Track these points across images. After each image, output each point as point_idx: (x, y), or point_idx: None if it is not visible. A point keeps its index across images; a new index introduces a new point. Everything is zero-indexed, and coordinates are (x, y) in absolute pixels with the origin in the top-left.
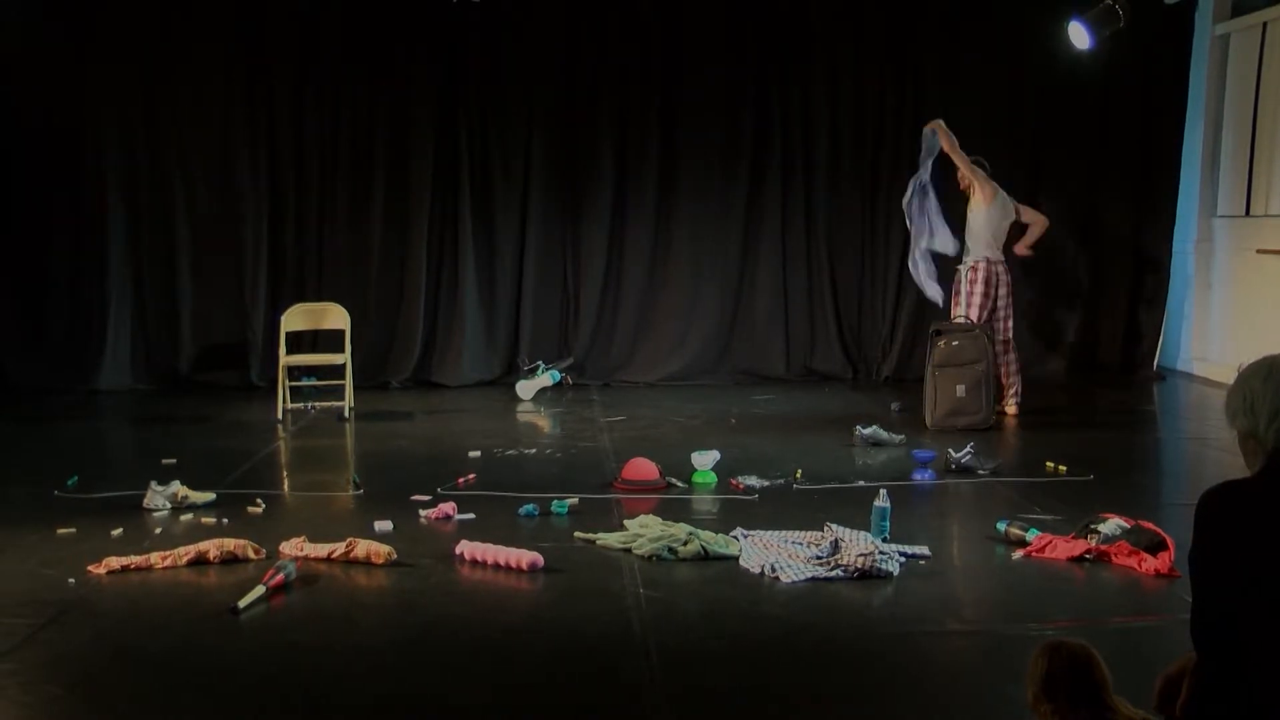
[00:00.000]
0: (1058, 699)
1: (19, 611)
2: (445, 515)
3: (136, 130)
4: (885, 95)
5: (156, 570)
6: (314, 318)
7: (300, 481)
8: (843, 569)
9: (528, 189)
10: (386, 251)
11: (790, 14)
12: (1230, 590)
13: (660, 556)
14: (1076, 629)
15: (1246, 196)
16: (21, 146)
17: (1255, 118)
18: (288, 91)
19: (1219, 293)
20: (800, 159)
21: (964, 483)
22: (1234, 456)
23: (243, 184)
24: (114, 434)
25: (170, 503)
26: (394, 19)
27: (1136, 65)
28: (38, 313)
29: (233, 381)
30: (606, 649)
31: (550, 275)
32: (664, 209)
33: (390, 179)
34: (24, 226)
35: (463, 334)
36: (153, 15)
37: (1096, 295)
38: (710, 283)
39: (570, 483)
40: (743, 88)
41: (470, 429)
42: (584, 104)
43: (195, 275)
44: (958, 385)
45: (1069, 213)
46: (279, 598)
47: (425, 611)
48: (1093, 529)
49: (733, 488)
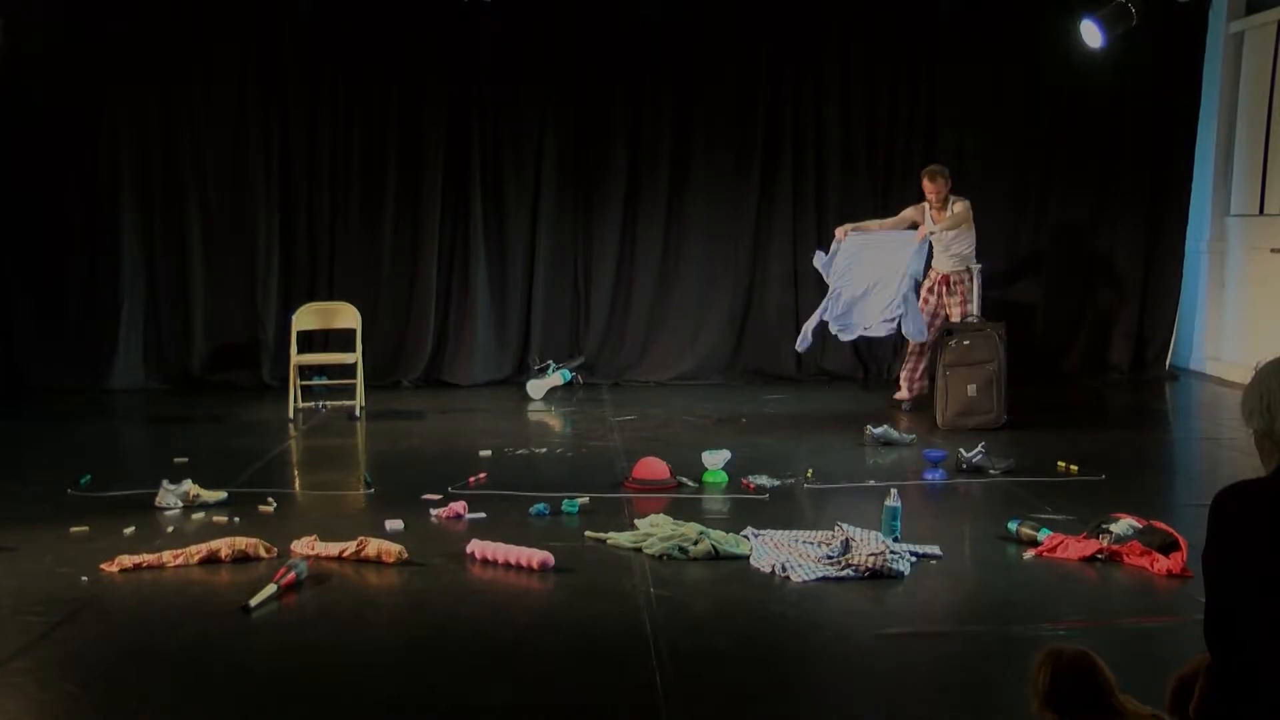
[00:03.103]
0: (1062, 708)
1: (34, 609)
2: (456, 514)
3: (150, 131)
4: (898, 94)
5: (168, 569)
6: (325, 317)
7: (311, 480)
8: (854, 569)
9: (539, 188)
10: (398, 251)
11: (803, 14)
12: (1244, 590)
13: (671, 556)
14: (1088, 629)
15: (1260, 195)
16: (37, 148)
17: (1269, 116)
18: (300, 92)
19: (1232, 292)
20: (812, 159)
21: (975, 482)
22: (1248, 456)
23: (255, 184)
24: (127, 433)
25: (182, 501)
26: (406, 19)
27: (1149, 63)
28: (52, 312)
29: (245, 381)
30: (617, 648)
31: (561, 275)
32: (675, 209)
33: (402, 179)
34: (39, 227)
35: (474, 333)
36: (167, 17)
37: (1109, 294)
38: (721, 282)
39: (581, 482)
40: (755, 88)
41: (481, 428)
42: (596, 104)
43: (208, 275)
44: (969, 385)
45: (1082, 212)
46: (290, 596)
47: (436, 610)
48: (1105, 529)
49: (743, 487)
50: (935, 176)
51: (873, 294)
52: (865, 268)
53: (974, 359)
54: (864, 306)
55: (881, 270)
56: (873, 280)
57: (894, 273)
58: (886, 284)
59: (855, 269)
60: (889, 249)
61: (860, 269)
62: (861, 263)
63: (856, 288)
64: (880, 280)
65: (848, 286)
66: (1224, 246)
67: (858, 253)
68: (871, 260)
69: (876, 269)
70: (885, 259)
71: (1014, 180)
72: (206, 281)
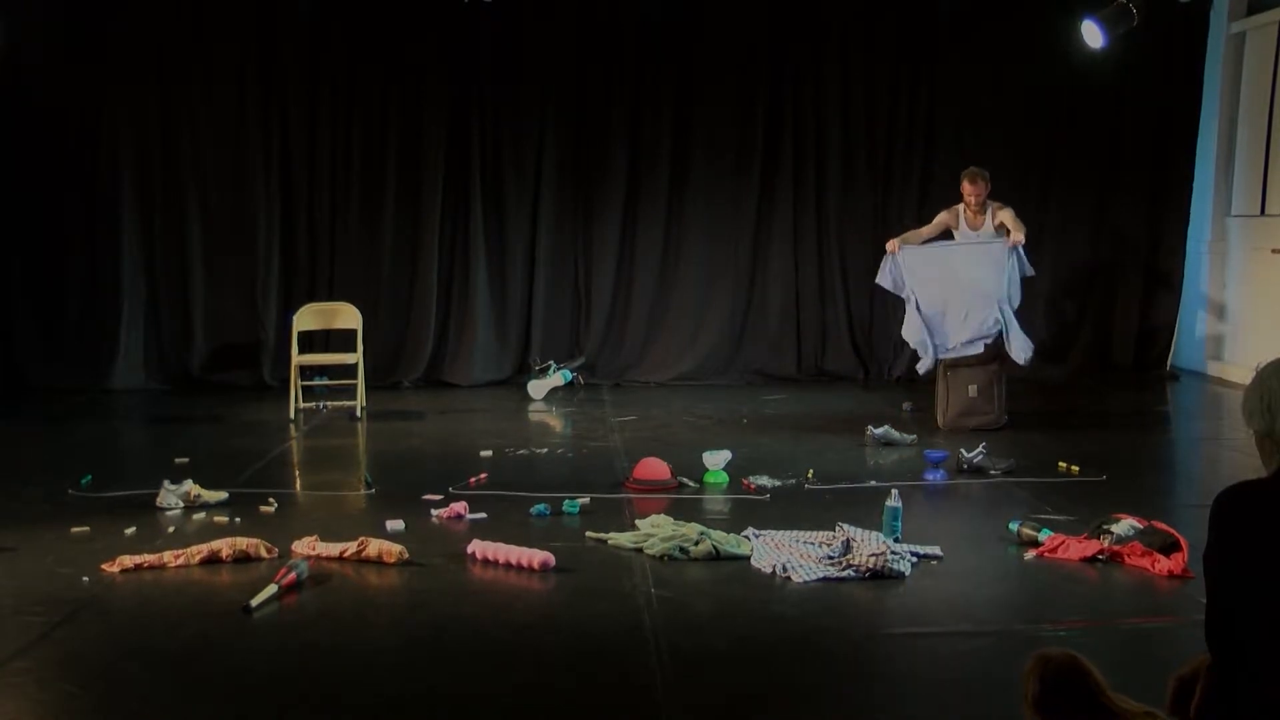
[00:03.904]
0: (1053, 713)
1: (34, 610)
2: (457, 515)
3: (150, 131)
4: (898, 94)
5: (169, 569)
6: (326, 317)
7: (312, 481)
8: (854, 569)
9: (539, 189)
10: (398, 251)
11: (803, 14)
12: (1245, 591)
13: (672, 556)
14: (1089, 630)
15: (1262, 196)
16: (37, 148)
17: (1271, 116)
18: (300, 92)
19: (1233, 292)
20: (812, 159)
21: (976, 483)
22: (1249, 457)
23: (255, 184)
24: (127, 433)
25: (183, 502)
26: (406, 19)
27: (1150, 64)
28: (52, 313)
29: (245, 381)
30: (618, 649)
31: (562, 275)
32: (676, 209)
33: (402, 179)
34: (39, 227)
35: (474, 334)
36: (167, 17)
37: (1110, 295)
38: (721, 283)
39: (582, 482)
40: (755, 88)
41: (482, 429)
42: (596, 104)
43: (208, 275)
44: (970, 385)
45: (1083, 212)
46: (291, 597)
47: (437, 611)
48: (1106, 529)
49: (744, 488)
50: (976, 178)
51: (958, 310)
52: (946, 285)
53: (975, 360)
54: (953, 323)
55: (967, 285)
56: (958, 295)
57: (982, 286)
58: (975, 299)
59: (935, 284)
60: (972, 261)
61: (942, 285)
62: (940, 280)
63: (939, 304)
64: (967, 296)
65: (927, 302)
66: (1225, 247)
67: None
68: (950, 275)
69: (959, 284)
70: (971, 271)
71: (1014, 180)
72: (207, 281)
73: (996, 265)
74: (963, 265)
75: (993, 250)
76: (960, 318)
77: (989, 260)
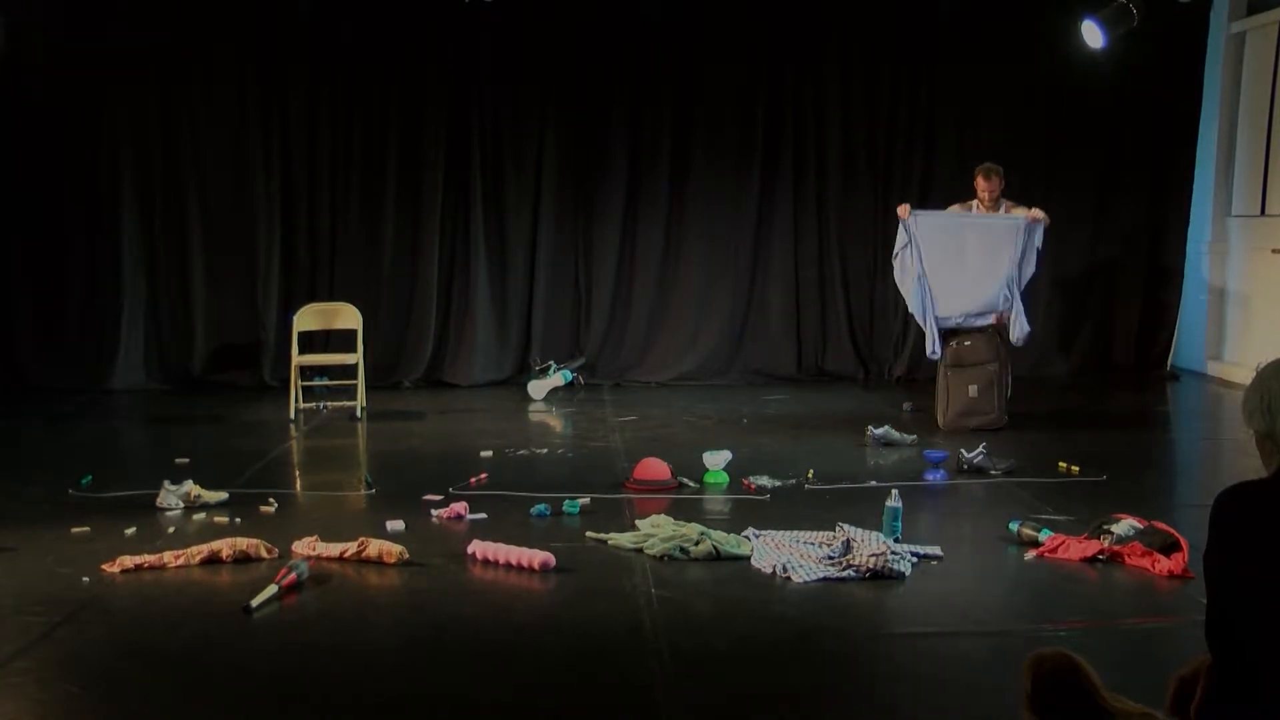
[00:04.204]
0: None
1: (34, 610)
2: (457, 515)
3: (150, 131)
4: (898, 94)
5: (169, 569)
6: (326, 317)
7: (312, 481)
8: (854, 569)
9: (540, 189)
10: (398, 251)
11: (803, 14)
12: (1245, 591)
13: (672, 556)
14: (1089, 630)
15: (1262, 196)
16: (37, 148)
17: (1271, 116)
18: (300, 92)
19: (1234, 293)
20: (812, 159)
21: (976, 483)
22: (1249, 457)
23: (255, 184)
24: (128, 433)
25: (183, 502)
26: (406, 19)
27: (1150, 64)
28: (53, 313)
29: (245, 381)
30: (618, 649)
31: (562, 275)
32: (676, 209)
33: (402, 179)
34: (39, 227)
35: (474, 334)
36: (167, 17)
37: (1110, 295)
38: (722, 283)
39: (582, 482)
40: (755, 88)
41: (482, 429)
42: (596, 104)
43: (208, 275)
44: (970, 385)
45: (1083, 212)
46: (291, 597)
47: (437, 611)
48: (1106, 529)
49: (744, 488)
50: (992, 174)
51: (964, 280)
52: (955, 253)
53: (975, 359)
54: (957, 292)
55: (976, 257)
56: (966, 266)
57: (993, 261)
58: (984, 274)
59: (942, 250)
60: (986, 235)
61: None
62: (948, 247)
63: (944, 271)
64: (975, 269)
65: (931, 264)
66: (1225, 247)
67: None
68: (961, 246)
69: (967, 255)
70: (983, 243)
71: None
72: (207, 281)
73: (1010, 242)
74: (975, 237)
75: (1009, 226)
76: (965, 288)
77: (1004, 236)
